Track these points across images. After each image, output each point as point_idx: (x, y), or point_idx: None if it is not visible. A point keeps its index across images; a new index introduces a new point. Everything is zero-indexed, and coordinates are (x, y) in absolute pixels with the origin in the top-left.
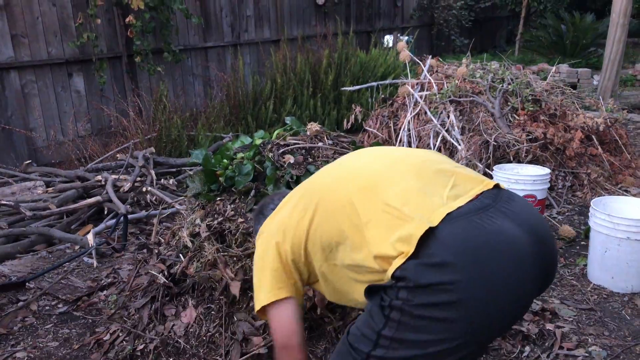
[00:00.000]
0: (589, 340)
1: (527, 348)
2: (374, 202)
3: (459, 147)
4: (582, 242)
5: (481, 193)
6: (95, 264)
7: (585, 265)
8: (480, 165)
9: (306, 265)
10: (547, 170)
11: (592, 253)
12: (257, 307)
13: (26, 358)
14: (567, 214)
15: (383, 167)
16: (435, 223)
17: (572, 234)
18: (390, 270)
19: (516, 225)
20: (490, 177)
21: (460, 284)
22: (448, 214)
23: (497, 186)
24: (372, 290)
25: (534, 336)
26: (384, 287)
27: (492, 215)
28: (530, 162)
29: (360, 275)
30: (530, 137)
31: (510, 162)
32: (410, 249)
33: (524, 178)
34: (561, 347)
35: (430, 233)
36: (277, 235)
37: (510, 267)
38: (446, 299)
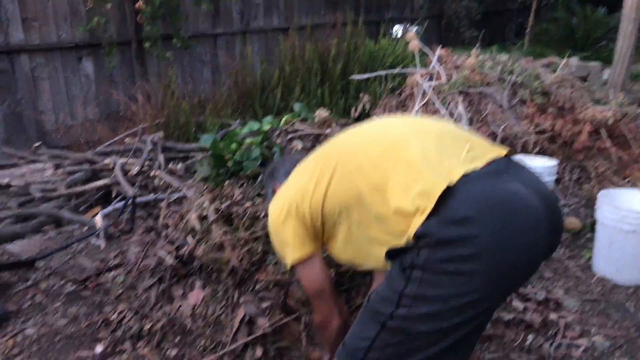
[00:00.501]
0: (592, 330)
1: (530, 337)
2: (394, 161)
3: None
4: (588, 235)
5: (495, 159)
6: (103, 245)
7: (591, 257)
8: None
9: (322, 225)
10: (554, 162)
11: (598, 245)
12: (289, 264)
13: (35, 334)
14: (573, 206)
15: (403, 131)
16: (454, 181)
17: (578, 226)
18: (411, 231)
19: (529, 190)
20: None
21: (481, 237)
22: (465, 174)
23: (508, 156)
24: (392, 255)
25: (538, 325)
26: (404, 249)
27: (506, 179)
28: (537, 154)
29: (377, 233)
30: (539, 129)
31: (517, 153)
32: (429, 205)
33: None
34: (564, 337)
35: (448, 191)
36: (295, 198)
37: (525, 226)
38: (467, 252)
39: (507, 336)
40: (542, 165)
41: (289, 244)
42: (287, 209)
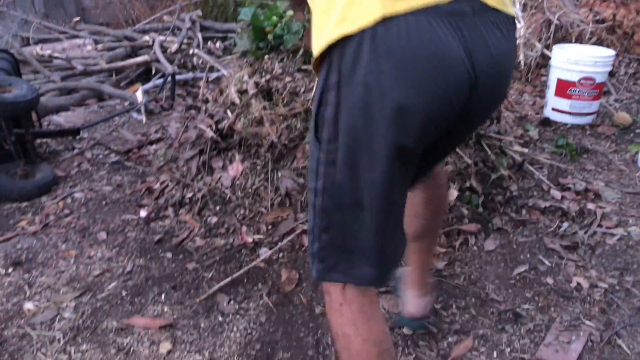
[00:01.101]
0: (630, 221)
1: (565, 224)
2: None
3: (518, 25)
4: (638, 130)
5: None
6: (144, 120)
7: (638, 152)
8: (538, 45)
9: None
10: (611, 52)
11: None
12: None
13: (83, 198)
14: (625, 101)
15: None
16: (395, 12)
17: (628, 121)
18: (321, 42)
19: (467, 54)
20: (548, 58)
21: (380, 90)
22: (417, 7)
23: (504, 13)
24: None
25: (574, 214)
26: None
27: (456, 28)
28: (594, 45)
29: None
30: (598, 18)
31: (571, 43)
32: (348, 26)
33: (584, 58)
34: (600, 226)
35: (381, 21)
36: None
37: (441, 98)
38: (360, 103)
39: (542, 222)
40: (596, 55)
41: None
42: None
